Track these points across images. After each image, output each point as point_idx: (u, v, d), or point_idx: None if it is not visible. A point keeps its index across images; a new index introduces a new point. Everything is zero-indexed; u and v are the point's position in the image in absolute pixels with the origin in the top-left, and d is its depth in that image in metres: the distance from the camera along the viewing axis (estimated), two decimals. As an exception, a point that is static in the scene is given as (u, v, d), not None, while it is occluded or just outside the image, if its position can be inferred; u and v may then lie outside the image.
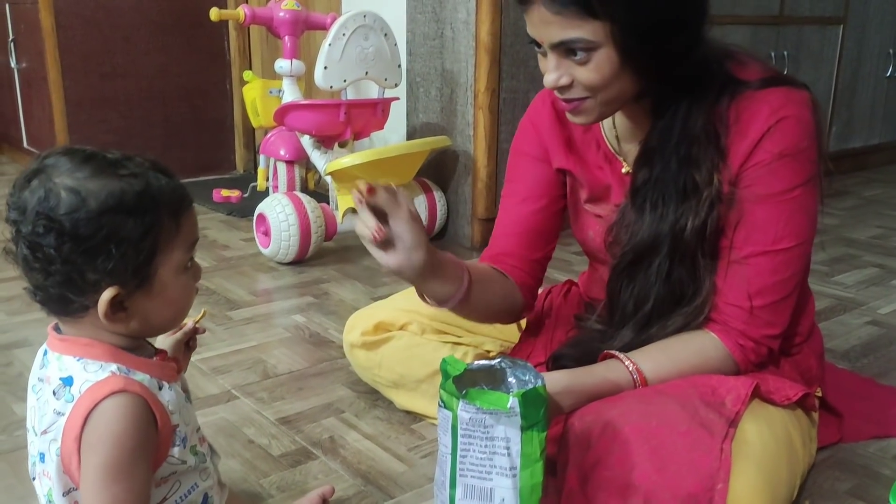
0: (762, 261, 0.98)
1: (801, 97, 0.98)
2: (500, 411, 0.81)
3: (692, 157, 0.97)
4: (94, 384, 0.71)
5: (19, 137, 3.44)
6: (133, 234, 0.71)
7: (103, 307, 0.71)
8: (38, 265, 0.71)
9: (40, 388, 0.76)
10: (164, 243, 0.74)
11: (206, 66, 3.32)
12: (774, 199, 0.97)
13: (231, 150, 3.48)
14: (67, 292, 0.72)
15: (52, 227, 0.69)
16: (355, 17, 2.13)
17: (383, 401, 1.38)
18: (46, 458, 0.74)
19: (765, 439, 0.91)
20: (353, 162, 2.10)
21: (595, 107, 0.97)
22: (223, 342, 1.65)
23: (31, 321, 1.74)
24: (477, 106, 2.30)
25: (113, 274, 0.71)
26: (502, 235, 1.20)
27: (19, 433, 1.26)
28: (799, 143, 0.96)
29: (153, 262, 0.73)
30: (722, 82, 0.98)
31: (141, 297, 0.74)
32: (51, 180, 0.70)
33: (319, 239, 2.18)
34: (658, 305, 1.02)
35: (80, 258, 0.70)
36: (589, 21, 0.88)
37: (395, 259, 0.95)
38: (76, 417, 0.71)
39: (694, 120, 0.97)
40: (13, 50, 3.27)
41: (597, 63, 0.91)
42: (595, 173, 1.12)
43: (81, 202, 0.69)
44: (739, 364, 1.01)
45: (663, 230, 0.99)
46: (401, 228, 0.94)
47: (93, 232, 0.69)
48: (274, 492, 1.12)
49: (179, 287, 0.77)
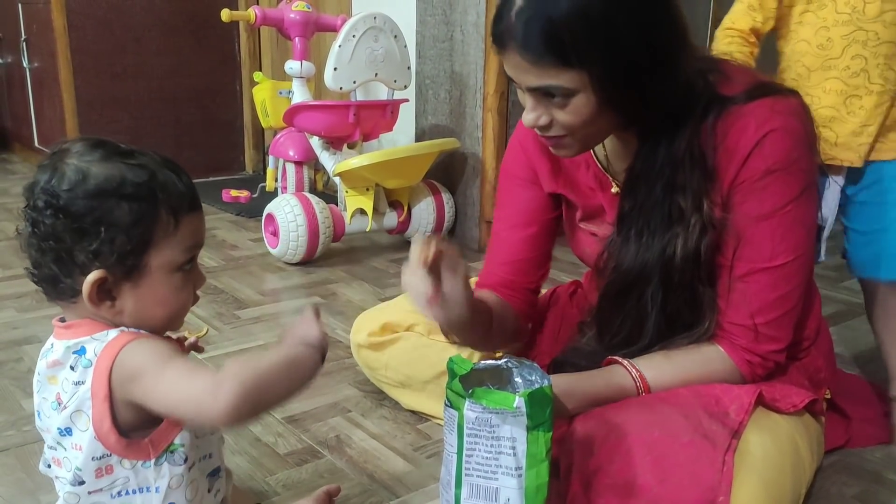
0: (761, 278, 0.97)
1: (786, 106, 0.95)
2: (506, 411, 0.81)
3: (677, 183, 0.95)
4: (108, 343, 0.73)
5: (30, 137, 3.46)
6: (124, 219, 0.72)
7: (87, 288, 0.72)
8: (35, 240, 0.73)
9: (39, 382, 0.78)
10: (159, 238, 0.74)
11: (216, 67, 3.34)
12: (768, 218, 0.95)
13: (240, 150, 3.50)
14: (58, 271, 0.73)
15: (50, 202, 0.71)
16: (365, 19, 2.14)
17: (389, 400, 1.39)
18: (74, 431, 0.75)
19: (768, 450, 0.90)
20: (362, 163, 2.11)
21: (574, 143, 0.95)
22: (231, 341, 1.66)
23: (41, 318, 1.75)
24: (486, 108, 2.30)
25: (99, 256, 0.72)
26: (495, 263, 1.19)
27: (28, 428, 1.27)
28: (789, 155, 0.93)
29: (144, 253, 0.74)
30: (707, 101, 0.94)
31: (129, 288, 0.75)
32: (62, 161, 0.73)
33: (327, 239, 2.19)
34: (655, 336, 1.00)
35: (70, 236, 0.72)
36: (565, 71, 0.86)
37: (441, 315, 0.95)
38: (101, 376, 0.72)
39: (678, 143, 0.94)
40: (25, 50, 3.29)
41: (575, 106, 0.89)
42: (587, 194, 1.10)
43: (81, 181, 0.71)
44: (746, 378, 1.00)
45: (650, 259, 0.97)
46: (454, 289, 0.93)
47: (85, 211, 0.71)
48: (280, 489, 1.12)
49: (171, 287, 0.77)
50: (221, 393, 0.67)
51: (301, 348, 0.75)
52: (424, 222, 2.39)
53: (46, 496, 1.08)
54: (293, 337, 0.76)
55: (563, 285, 1.37)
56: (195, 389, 0.69)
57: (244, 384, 0.68)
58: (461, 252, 0.95)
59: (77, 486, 0.75)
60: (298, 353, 0.75)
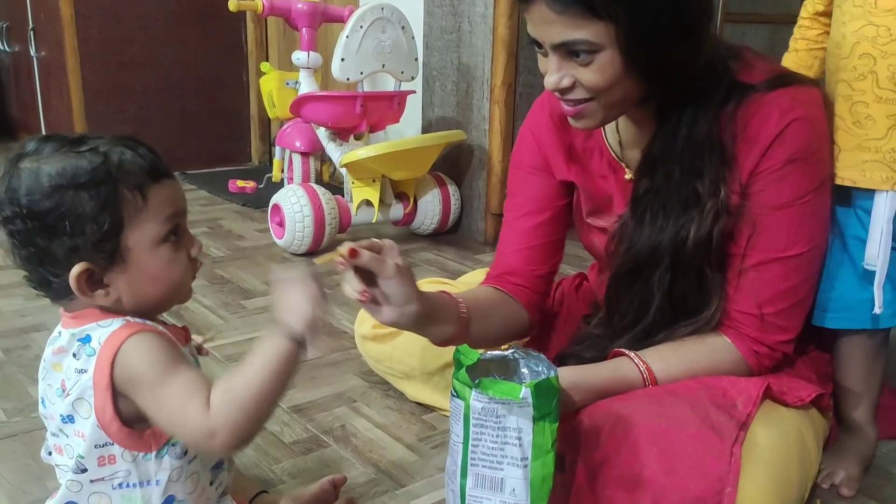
0: (774, 268, 0.96)
1: (809, 96, 0.95)
2: (512, 401, 0.81)
3: (696, 167, 0.94)
4: (113, 332, 0.73)
5: (38, 126, 3.47)
6: (87, 208, 0.71)
7: (73, 283, 0.72)
8: (16, 250, 0.74)
9: (45, 369, 0.78)
10: (130, 217, 0.73)
11: (223, 58, 3.34)
12: (785, 208, 0.95)
13: (247, 141, 3.50)
14: (46, 273, 0.74)
15: (15, 210, 0.71)
16: (373, 10, 2.14)
17: (394, 391, 1.39)
18: (76, 419, 0.75)
19: (775, 442, 0.90)
20: (369, 154, 2.11)
21: (598, 110, 0.93)
22: (237, 330, 1.66)
23: (48, 306, 1.73)
24: (493, 100, 2.30)
25: (76, 250, 0.72)
26: (506, 253, 1.18)
27: (36, 415, 1.28)
28: (810, 145, 0.94)
29: (119, 236, 0.73)
30: (728, 87, 0.94)
31: (118, 273, 0.74)
32: (16, 166, 0.73)
33: (333, 230, 2.19)
34: (659, 318, 1.00)
35: (42, 237, 0.72)
36: (592, 22, 0.85)
37: (389, 315, 0.93)
38: (103, 366, 0.72)
39: (699, 127, 0.94)
40: (33, 38, 3.30)
41: (600, 65, 0.88)
42: (598, 183, 1.10)
43: (35, 181, 0.71)
44: (753, 369, 0.99)
45: (663, 242, 0.97)
46: (389, 286, 0.91)
47: (47, 210, 0.71)
48: (286, 478, 1.13)
49: (160, 261, 0.76)
50: (217, 440, 0.70)
51: (282, 347, 0.72)
52: (430, 214, 2.39)
53: (53, 482, 1.08)
54: (279, 324, 0.73)
55: (568, 278, 1.37)
56: (189, 425, 0.71)
57: (237, 427, 0.70)
58: (396, 249, 0.92)
59: (80, 474, 0.76)
60: (280, 356, 0.72)
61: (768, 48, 3.07)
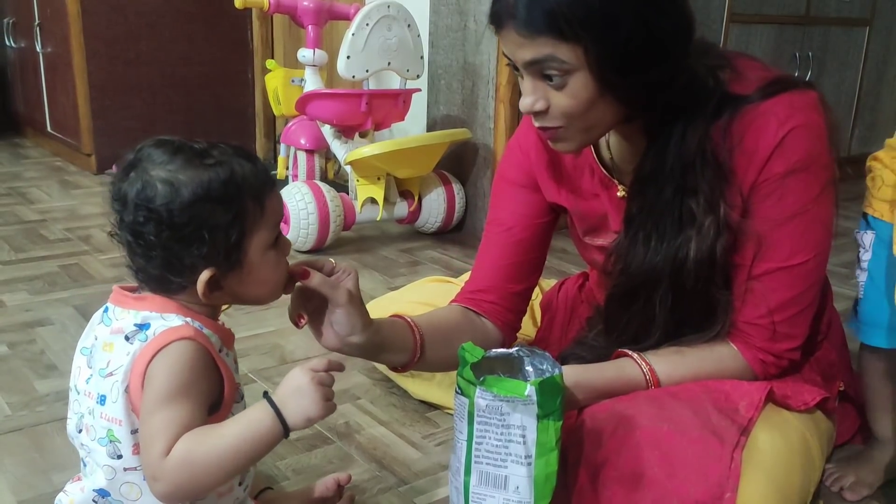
0: (779, 277, 0.95)
1: (806, 100, 0.92)
2: (516, 399, 0.81)
3: (688, 185, 0.92)
4: (170, 328, 0.76)
5: (43, 122, 3.47)
6: (222, 220, 0.76)
7: (202, 287, 0.77)
8: (140, 251, 0.77)
9: (94, 347, 0.79)
10: (251, 226, 0.78)
11: (228, 55, 3.34)
12: (789, 219, 0.93)
13: (252, 138, 3.50)
14: (167, 274, 0.77)
15: (151, 217, 0.74)
16: (379, 8, 2.14)
17: (398, 388, 1.39)
18: (107, 401, 0.76)
19: (777, 447, 0.90)
20: (373, 152, 2.11)
21: (574, 134, 0.91)
22: (242, 326, 1.66)
23: (53, 301, 1.76)
24: (498, 99, 2.30)
25: (207, 258, 0.76)
26: (484, 268, 1.15)
27: (41, 409, 1.29)
28: (811, 152, 0.91)
29: (242, 244, 0.78)
30: (719, 100, 0.91)
31: (234, 276, 0.79)
32: (147, 172, 0.75)
33: (338, 228, 2.19)
34: (662, 340, 0.99)
35: (177, 245, 0.76)
36: (561, 43, 0.83)
37: (331, 342, 0.92)
38: (146, 354, 0.75)
39: (689, 143, 0.91)
40: (38, 34, 3.30)
41: (573, 88, 0.86)
42: (590, 203, 1.07)
43: (175, 193, 0.74)
44: (759, 377, 0.99)
45: (659, 262, 0.94)
46: (337, 315, 0.90)
47: (187, 220, 0.75)
48: (290, 474, 1.13)
49: (269, 265, 0.82)
50: (157, 487, 0.74)
51: (265, 428, 0.74)
52: (435, 212, 2.39)
53: (59, 475, 1.09)
54: (277, 396, 0.76)
55: (572, 277, 1.37)
56: (145, 460, 0.74)
57: (178, 487, 0.73)
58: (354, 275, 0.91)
59: (115, 460, 0.77)
60: (261, 437, 0.74)
61: (774, 49, 3.07)
